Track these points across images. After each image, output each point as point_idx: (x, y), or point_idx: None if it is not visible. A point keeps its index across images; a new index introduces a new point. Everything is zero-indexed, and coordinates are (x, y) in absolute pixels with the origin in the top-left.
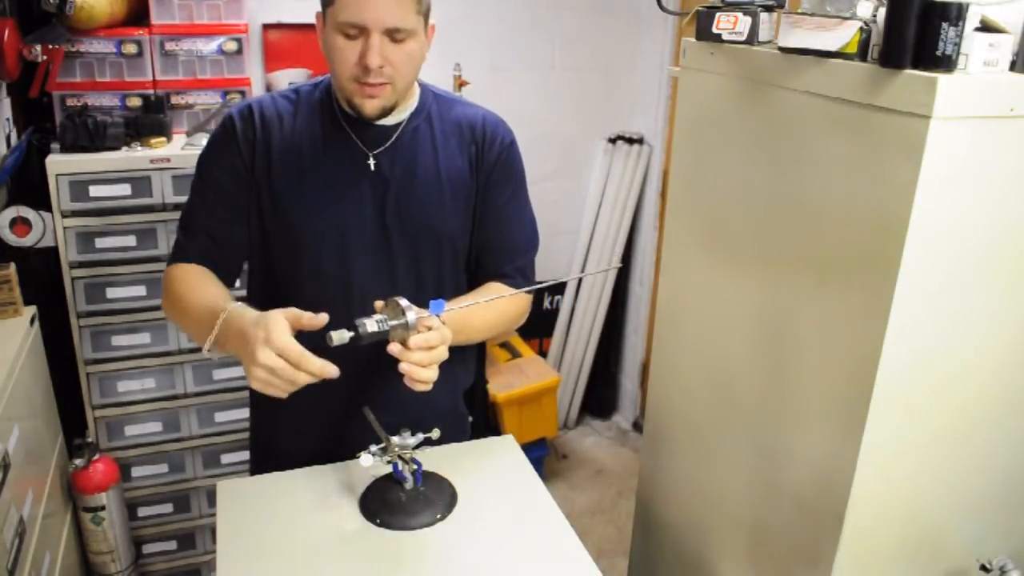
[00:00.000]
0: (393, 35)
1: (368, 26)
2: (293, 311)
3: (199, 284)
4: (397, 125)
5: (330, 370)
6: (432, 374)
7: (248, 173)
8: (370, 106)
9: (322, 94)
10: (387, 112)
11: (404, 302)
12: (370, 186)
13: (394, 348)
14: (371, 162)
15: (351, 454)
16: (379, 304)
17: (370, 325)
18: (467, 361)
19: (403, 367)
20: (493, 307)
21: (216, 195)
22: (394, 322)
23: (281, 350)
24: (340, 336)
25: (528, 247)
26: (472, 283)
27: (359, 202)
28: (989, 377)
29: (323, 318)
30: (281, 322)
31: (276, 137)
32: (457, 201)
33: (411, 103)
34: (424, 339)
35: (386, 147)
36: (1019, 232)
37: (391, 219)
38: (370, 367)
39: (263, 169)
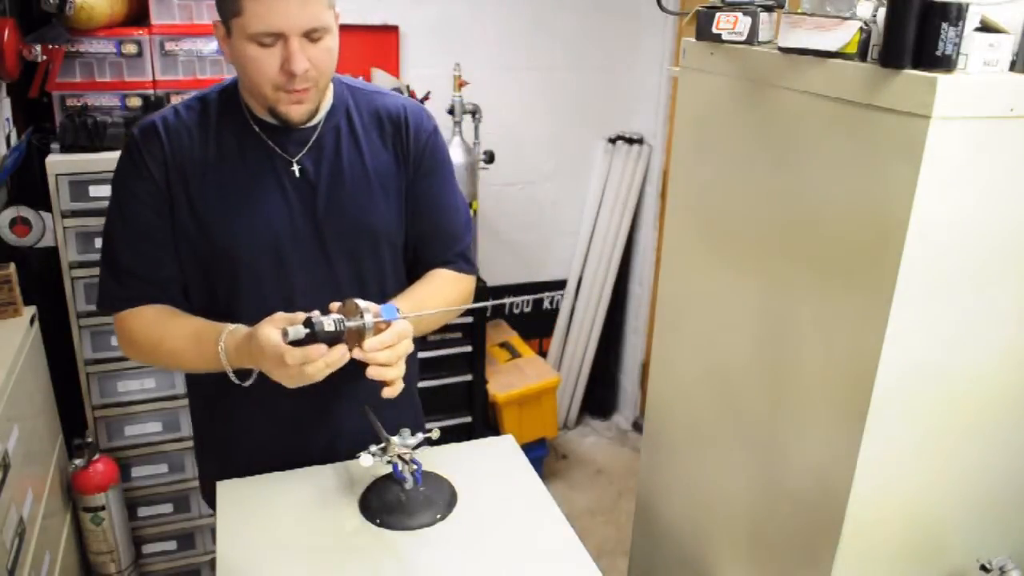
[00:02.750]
0: (311, 35)
1: (285, 31)
2: (282, 316)
3: (167, 323)
4: (315, 126)
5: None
6: (398, 371)
7: (165, 194)
8: (297, 112)
9: (229, 102)
10: (313, 115)
11: (362, 303)
12: (297, 193)
13: (358, 354)
14: (295, 168)
15: (315, 461)
16: (335, 305)
17: (327, 324)
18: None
19: (371, 372)
20: (441, 294)
21: (138, 232)
22: (351, 323)
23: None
24: (296, 331)
25: (465, 231)
26: (412, 274)
27: (288, 211)
28: (989, 377)
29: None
30: (270, 331)
31: (187, 152)
32: (388, 196)
33: (327, 100)
34: (379, 341)
35: (308, 150)
36: (1019, 232)
37: (325, 224)
38: (340, 388)
39: (180, 187)
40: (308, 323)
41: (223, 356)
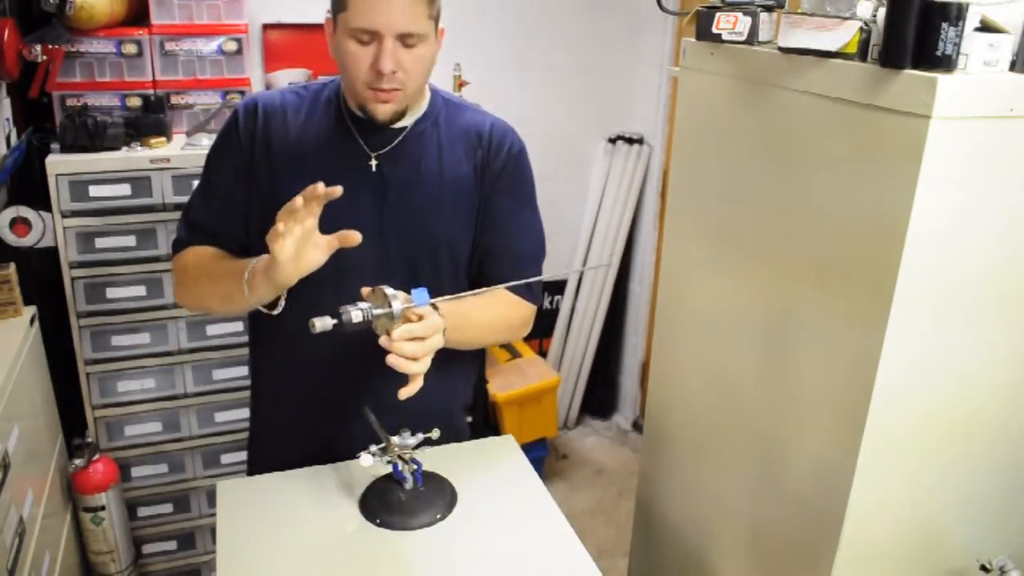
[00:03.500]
0: (405, 40)
1: (381, 31)
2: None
3: (216, 257)
4: (403, 128)
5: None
6: (422, 366)
7: (248, 167)
8: (383, 111)
9: (331, 93)
10: (400, 116)
11: (390, 291)
12: (370, 188)
13: (384, 341)
14: (373, 163)
15: (344, 458)
16: (365, 291)
17: (354, 314)
18: (467, 372)
19: (390, 359)
20: (492, 308)
21: (217, 193)
22: (378, 311)
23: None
24: (323, 323)
25: (533, 259)
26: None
27: (358, 203)
28: (988, 377)
29: (337, 190)
30: None
31: (278, 132)
32: (459, 207)
33: (421, 107)
34: (407, 330)
35: (390, 149)
36: (1019, 232)
37: (389, 221)
38: (363, 372)
39: (263, 163)
40: (336, 314)
41: (246, 278)
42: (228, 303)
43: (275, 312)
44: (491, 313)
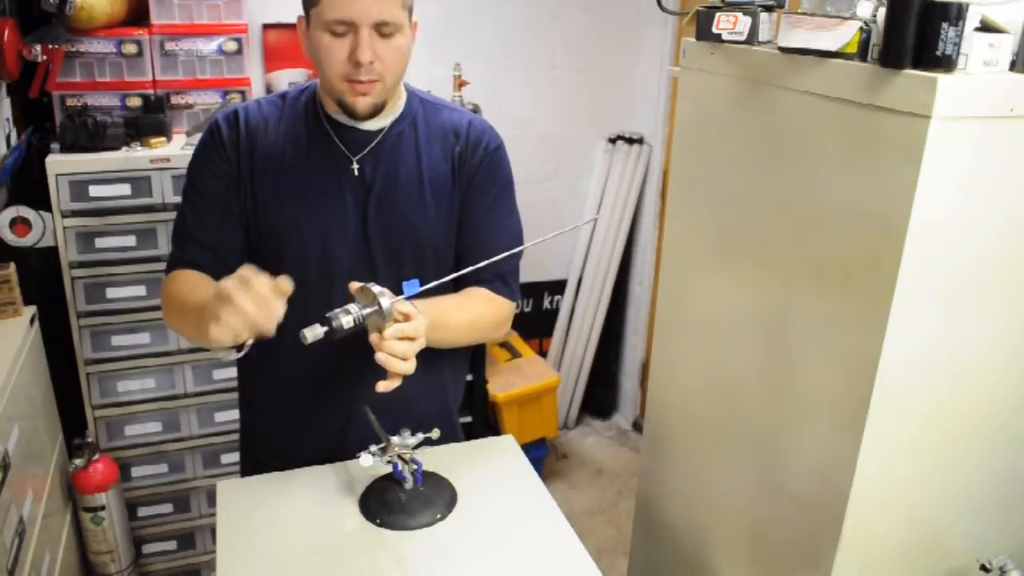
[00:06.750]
0: (381, 29)
1: (356, 21)
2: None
3: (195, 287)
4: (381, 130)
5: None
6: (410, 365)
7: (236, 177)
8: (362, 104)
9: (307, 99)
10: (379, 110)
11: (377, 288)
12: (353, 192)
13: (375, 339)
14: (355, 167)
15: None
16: (354, 286)
17: (344, 320)
18: (456, 371)
19: (379, 357)
20: (470, 308)
21: (208, 201)
22: (368, 310)
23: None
24: (314, 332)
25: (512, 256)
26: (456, 290)
27: (342, 208)
28: (989, 377)
29: (284, 281)
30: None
31: (261, 142)
32: (440, 208)
33: (397, 107)
34: (400, 330)
35: (369, 152)
36: (1018, 231)
37: (373, 225)
38: (354, 377)
39: (248, 175)
40: (325, 321)
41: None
42: (201, 340)
43: (240, 354)
44: (469, 313)
